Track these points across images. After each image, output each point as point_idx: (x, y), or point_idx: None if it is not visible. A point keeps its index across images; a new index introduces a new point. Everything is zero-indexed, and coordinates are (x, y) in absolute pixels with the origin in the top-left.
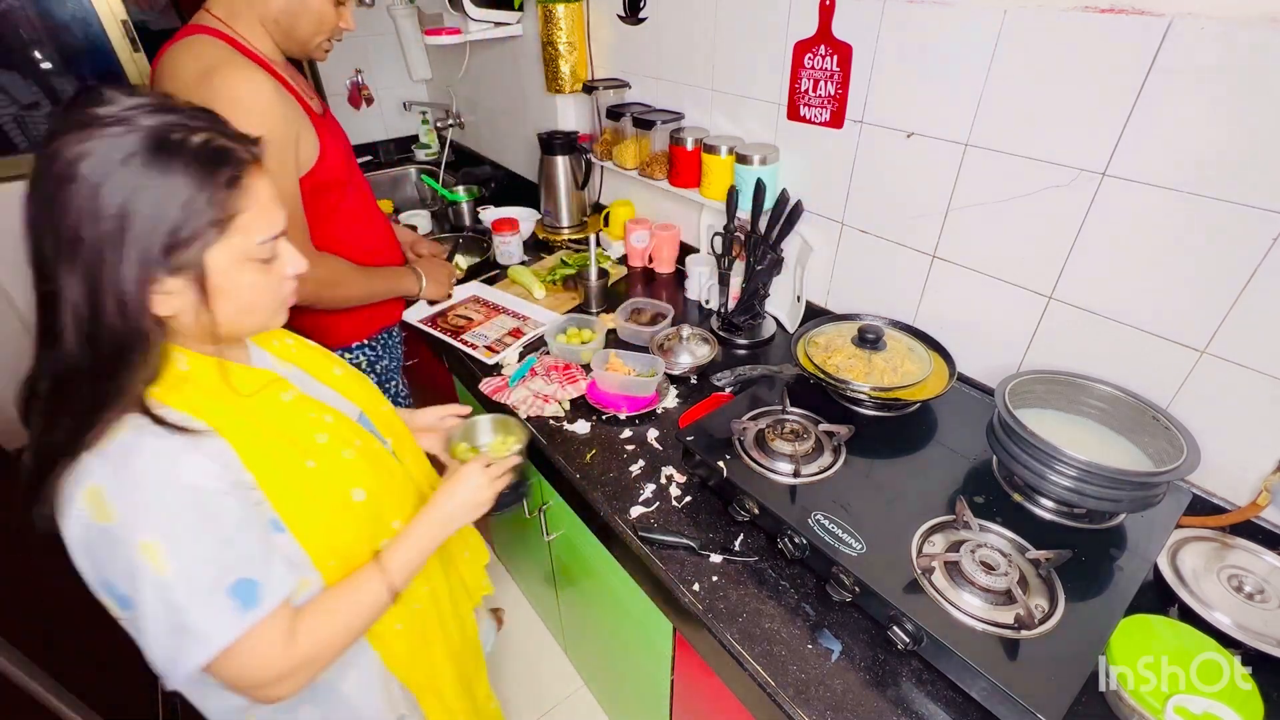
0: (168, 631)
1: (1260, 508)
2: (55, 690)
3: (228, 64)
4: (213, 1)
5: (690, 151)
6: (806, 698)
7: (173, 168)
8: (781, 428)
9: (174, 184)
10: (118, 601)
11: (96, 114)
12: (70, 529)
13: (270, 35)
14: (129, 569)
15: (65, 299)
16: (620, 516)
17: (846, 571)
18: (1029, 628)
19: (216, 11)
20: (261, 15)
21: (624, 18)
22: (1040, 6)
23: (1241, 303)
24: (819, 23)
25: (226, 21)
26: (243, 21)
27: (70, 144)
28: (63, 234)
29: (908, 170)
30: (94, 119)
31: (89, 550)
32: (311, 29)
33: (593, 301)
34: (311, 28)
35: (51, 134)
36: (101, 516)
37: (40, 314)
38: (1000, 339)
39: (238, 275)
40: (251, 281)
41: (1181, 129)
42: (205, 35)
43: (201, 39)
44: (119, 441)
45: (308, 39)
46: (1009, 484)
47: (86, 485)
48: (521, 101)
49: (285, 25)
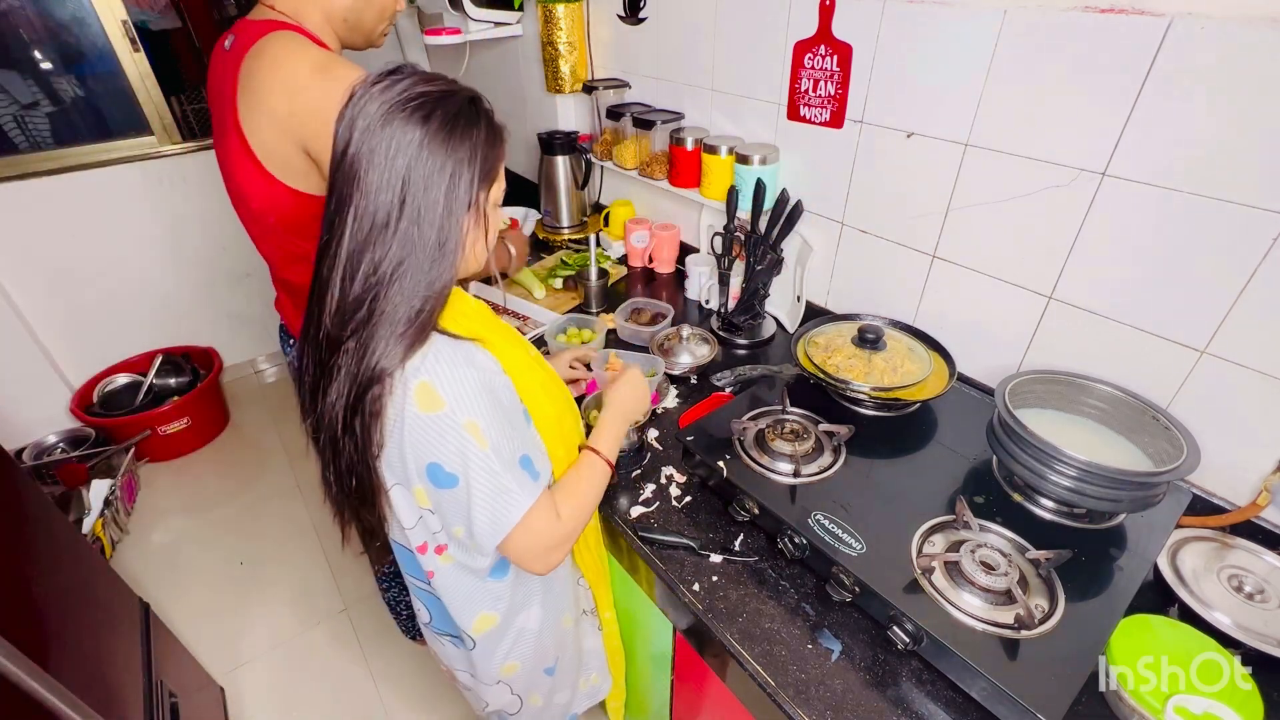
0: (492, 494)
1: (1260, 508)
2: (55, 690)
3: (339, 61)
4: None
5: (690, 151)
6: (806, 698)
7: (482, 126)
8: (781, 428)
9: (484, 138)
10: (441, 482)
11: (413, 88)
12: (402, 429)
13: (335, 30)
14: (459, 447)
15: (405, 241)
16: (620, 516)
17: (846, 571)
18: (1029, 628)
19: (282, 8)
20: (329, 12)
21: (624, 18)
22: (1040, 6)
23: (1241, 303)
24: (819, 23)
25: (294, 17)
26: (308, 18)
27: (408, 115)
28: (410, 191)
29: (908, 170)
30: (413, 92)
31: (419, 441)
32: (376, 18)
33: (593, 301)
34: (376, 17)
35: (389, 111)
36: (432, 406)
37: (351, 263)
38: (1000, 339)
39: (492, 215)
40: (493, 221)
41: (1181, 129)
42: (292, 31)
43: (291, 35)
44: (433, 350)
45: (373, 29)
46: (1009, 484)
47: (416, 384)
48: (521, 101)
49: (353, 20)
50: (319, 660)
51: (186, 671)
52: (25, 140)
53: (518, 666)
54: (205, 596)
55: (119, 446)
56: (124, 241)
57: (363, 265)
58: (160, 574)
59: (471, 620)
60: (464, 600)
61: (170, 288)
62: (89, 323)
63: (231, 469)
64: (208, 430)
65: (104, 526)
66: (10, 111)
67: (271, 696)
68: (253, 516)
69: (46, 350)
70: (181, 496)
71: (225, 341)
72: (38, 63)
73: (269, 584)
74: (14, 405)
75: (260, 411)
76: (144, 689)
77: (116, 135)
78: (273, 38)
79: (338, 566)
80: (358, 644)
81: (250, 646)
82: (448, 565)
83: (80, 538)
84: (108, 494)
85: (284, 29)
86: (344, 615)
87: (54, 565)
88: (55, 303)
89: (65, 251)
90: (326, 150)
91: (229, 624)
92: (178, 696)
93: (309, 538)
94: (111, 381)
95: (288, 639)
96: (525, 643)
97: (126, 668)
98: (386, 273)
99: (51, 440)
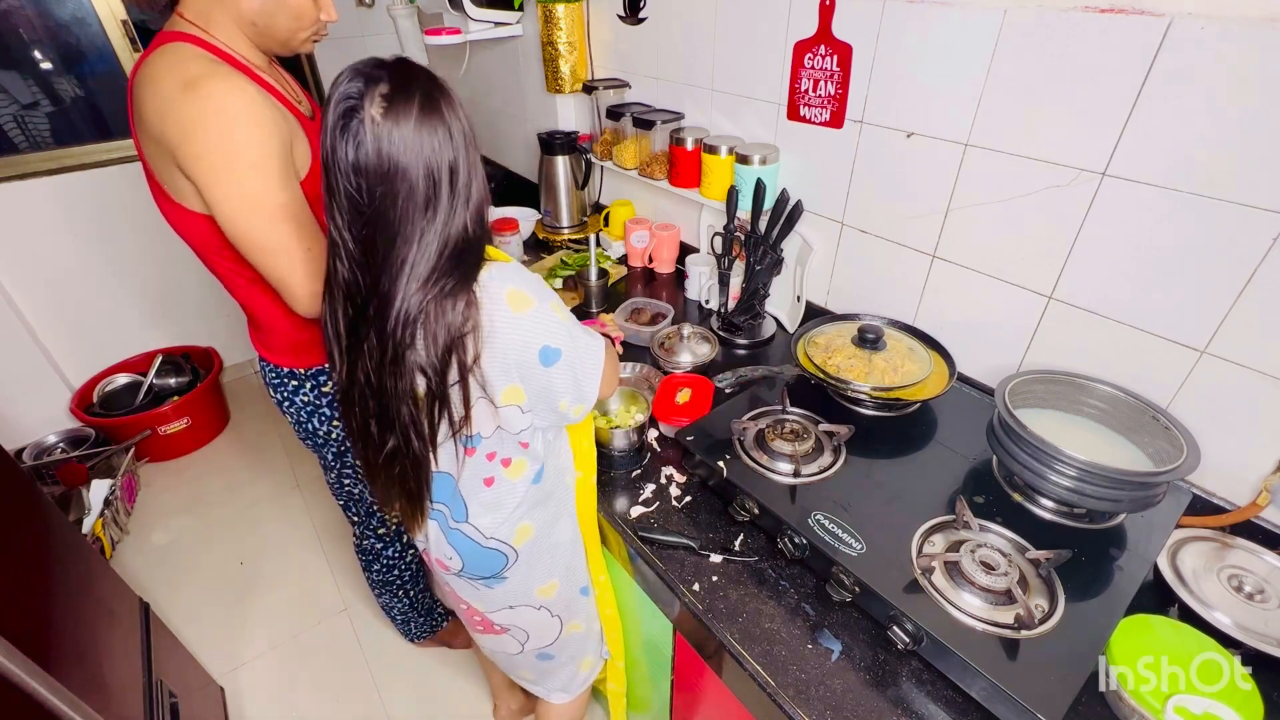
0: (585, 350)
1: (1260, 508)
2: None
3: (211, 74)
4: (185, 5)
5: (690, 151)
6: (806, 698)
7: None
8: (781, 428)
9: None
10: (550, 359)
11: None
12: (496, 334)
13: (247, 37)
14: (553, 327)
15: (467, 199)
16: (620, 516)
17: (846, 571)
18: (1029, 628)
19: (189, 15)
20: (236, 17)
21: (624, 18)
22: (1040, 6)
23: (1241, 303)
24: (819, 23)
25: (201, 26)
26: (217, 25)
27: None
28: (457, 175)
29: (908, 170)
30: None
31: (526, 335)
32: (290, 25)
33: (593, 301)
34: (290, 24)
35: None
36: (523, 305)
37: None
38: (1000, 339)
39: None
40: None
41: (1181, 129)
42: (181, 42)
43: (179, 46)
44: (496, 269)
45: (288, 36)
46: (1009, 484)
47: (504, 292)
48: (521, 101)
49: (262, 25)
50: (319, 660)
51: (186, 671)
52: (25, 140)
53: (557, 585)
54: (205, 596)
55: (119, 446)
56: (124, 241)
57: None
58: (160, 574)
59: (514, 530)
60: (511, 508)
61: (170, 288)
62: (89, 323)
63: (231, 469)
64: (208, 430)
65: (104, 526)
66: (10, 111)
67: (271, 696)
68: (253, 516)
69: (46, 350)
70: (181, 496)
71: (225, 342)
72: (38, 62)
73: (269, 584)
74: (14, 405)
75: (260, 411)
76: (144, 689)
77: (116, 135)
78: (161, 50)
79: (338, 566)
80: (357, 644)
81: (250, 646)
82: (504, 472)
83: (80, 537)
84: (108, 494)
85: (176, 40)
86: (344, 615)
87: (54, 565)
88: (55, 303)
89: (65, 251)
90: (192, 172)
91: (229, 624)
92: (178, 696)
93: (309, 538)
94: (111, 381)
95: (288, 639)
96: (560, 557)
97: (126, 668)
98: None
99: (51, 440)
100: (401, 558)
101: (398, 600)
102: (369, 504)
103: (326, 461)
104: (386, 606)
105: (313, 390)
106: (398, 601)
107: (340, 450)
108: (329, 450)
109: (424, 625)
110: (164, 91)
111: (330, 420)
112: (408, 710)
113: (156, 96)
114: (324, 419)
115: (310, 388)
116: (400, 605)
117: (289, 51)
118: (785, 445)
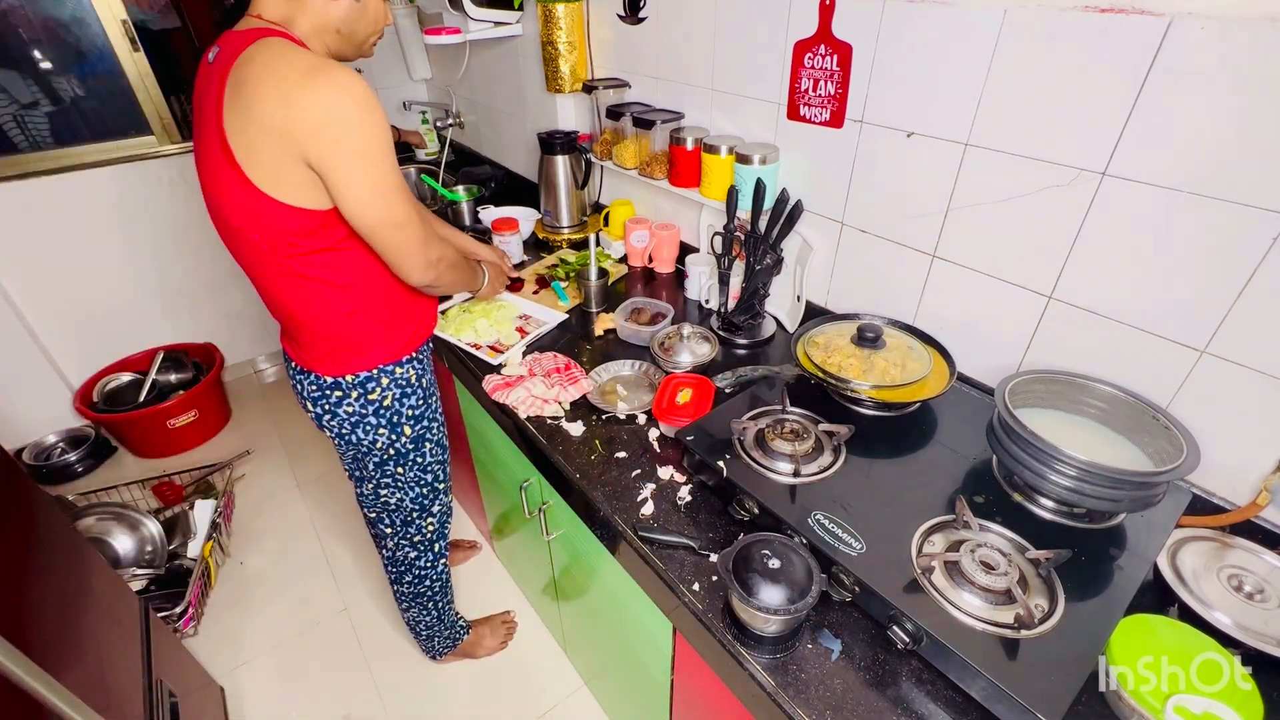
0: None
1: (1260, 507)
2: (55, 690)
3: (329, 61)
4: (261, 7)
5: (690, 151)
6: (806, 698)
7: None
8: (781, 427)
9: None
10: None
11: None
12: None
13: (325, 41)
14: None
15: None
16: (620, 516)
17: (846, 571)
18: (1029, 627)
19: (269, 17)
20: (321, 26)
21: (624, 17)
22: (1040, 6)
23: (1241, 303)
24: (819, 22)
25: (285, 27)
26: (298, 27)
27: None
28: None
29: (908, 170)
30: None
31: None
32: (368, 30)
33: (592, 301)
34: (368, 29)
35: None
36: None
37: None
38: (1000, 339)
39: None
40: None
41: (1181, 129)
42: (277, 38)
43: (280, 40)
44: None
45: (364, 40)
46: (1009, 484)
47: None
48: (521, 101)
49: (346, 31)
50: (319, 660)
51: (186, 671)
52: (25, 140)
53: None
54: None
55: (218, 465)
56: (124, 241)
57: None
58: None
59: None
60: None
61: (170, 288)
62: (89, 322)
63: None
64: (212, 426)
65: (211, 551)
66: (10, 111)
67: (271, 696)
68: (253, 516)
69: (46, 350)
70: None
71: (225, 341)
72: (37, 62)
73: (269, 584)
74: (14, 405)
75: (261, 410)
76: (144, 688)
77: (116, 135)
78: (262, 44)
79: (338, 566)
80: (358, 644)
81: (250, 646)
82: None
83: (80, 537)
84: (213, 515)
85: (273, 35)
86: (344, 615)
87: (54, 565)
88: (55, 302)
89: (65, 251)
90: (328, 158)
91: (229, 624)
92: (178, 696)
93: (309, 538)
94: (113, 379)
95: (288, 639)
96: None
97: (126, 667)
98: None
99: (51, 440)
100: (434, 567)
101: (426, 614)
102: (407, 510)
103: (366, 472)
104: (413, 622)
105: (359, 400)
106: (426, 615)
107: (383, 459)
108: (371, 460)
109: (447, 640)
110: (290, 79)
111: (376, 429)
112: (407, 709)
113: (281, 84)
114: (369, 428)
115: (356, 397)
116: (428, 619)
117: (361, 56)
118: (785, 445)
